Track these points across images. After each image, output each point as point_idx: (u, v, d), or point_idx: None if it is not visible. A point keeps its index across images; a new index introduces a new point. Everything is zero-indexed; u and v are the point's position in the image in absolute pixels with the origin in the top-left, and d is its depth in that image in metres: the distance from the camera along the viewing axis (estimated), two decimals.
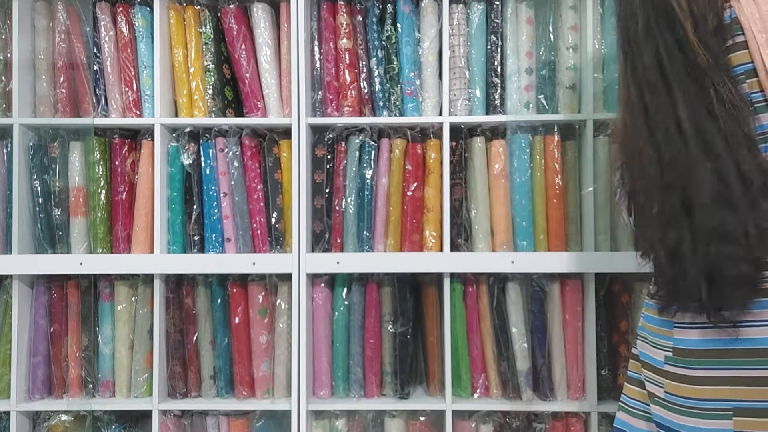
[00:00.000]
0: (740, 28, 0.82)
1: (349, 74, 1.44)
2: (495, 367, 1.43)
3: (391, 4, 1.45)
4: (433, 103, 1.45)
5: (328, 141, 1.45)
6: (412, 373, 1.47)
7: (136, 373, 1.45)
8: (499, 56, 1.44)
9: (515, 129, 1.42)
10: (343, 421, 1.47)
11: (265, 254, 1.42)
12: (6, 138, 1.45)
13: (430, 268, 1.42)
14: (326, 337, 1.45)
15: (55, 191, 1.44)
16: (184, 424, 1.46)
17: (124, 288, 1.46)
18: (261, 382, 1.44)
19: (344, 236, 1.43)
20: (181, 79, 1.45)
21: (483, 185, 1.43)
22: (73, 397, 1.44)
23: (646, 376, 0.92)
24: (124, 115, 1.45)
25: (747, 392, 0.79)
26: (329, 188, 1.45)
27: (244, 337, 1.45)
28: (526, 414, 1.44)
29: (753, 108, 0.82)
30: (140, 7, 1.44)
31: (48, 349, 1.46)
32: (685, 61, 0.84)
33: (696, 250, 0.83)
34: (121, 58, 1.44)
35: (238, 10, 1.44)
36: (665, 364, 0.87)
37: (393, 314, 1.44)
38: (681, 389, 0.84)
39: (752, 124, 0.82)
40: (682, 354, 0.84)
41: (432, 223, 1.43)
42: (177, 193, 1.45)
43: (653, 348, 0.90)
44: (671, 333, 0.87)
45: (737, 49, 0.83)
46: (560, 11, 1.43)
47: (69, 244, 1.44)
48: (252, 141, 1.46)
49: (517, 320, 1.42)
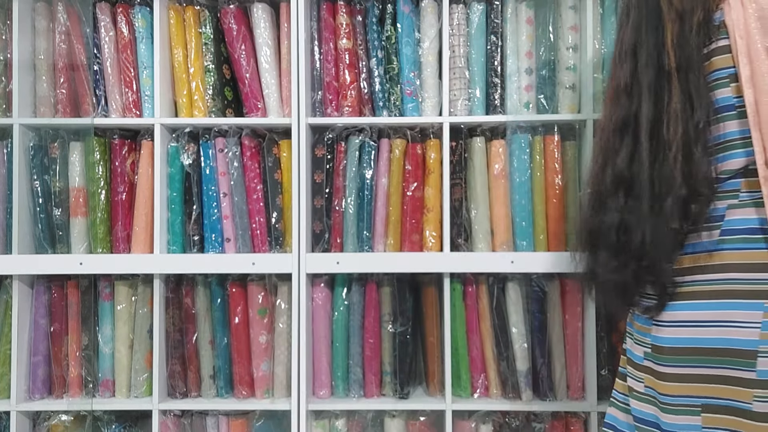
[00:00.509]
0: (726, 31, 0.83)
1: (349, 74, 1.44)
2: (495, 367, 1.43)
3: (391, 4, 1.45)
4: (433, 103, 1.45)
5: (328, 141, 1.45)
6: (412, 373, 1.47)
7: (135, 373, 1.45)
8: (499, 56, 1.44)
9: (515, 129, 1.42)
10: (342, 421, 1.47)
11: (265, 254, 1.42)
12: (6, 138, 1.45)
13: (430, 268, 1.42)
14: (326, 337, 1.45)
15: (55, 191, 1.44)
16: (184, 424, 1.46)
17: (124, 288, 1.46)
18: (261, 382, 1.44)
19: (344, 236, 1.43)
20: (180, 80, 1.45)
21: (483, 185, 1.43)
22: (73, 397, 1.45)
23: (629, 371, 0.95)
24: (124, 116, 1.45)
25: (714, 390, 0.82)
26: (329, 188, 1.45)
27: (244, 337, 1.45)
28: (525, 414, 1.44)
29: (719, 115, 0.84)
30: (140, 8, 1.44)
31: (48, 348, 1.46)
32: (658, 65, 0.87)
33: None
34: (121, 59, 1.44)
35: (238, 11, 1.44)
36: (644, 360, 0.90)
37: (393, 314, 1.45)
38: (657, 385, 0.87)
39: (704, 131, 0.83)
40: (658, 351, 0.87)
41: (432, 223, 1.43)
42: (177, 193, 1.45)
43: (636, 344, 0.93)
44: (650, 330, 0.90)
45: (721, 52, 0.84)
46: (560, 11, 1.43)
47: (69, 244, 1.44)
48: (252, 141, 1.46)
49: (517, 320, 1.42)
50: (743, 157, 0.82)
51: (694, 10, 0.85)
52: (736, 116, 0.83)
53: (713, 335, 0.82)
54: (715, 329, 0.82)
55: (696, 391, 0.83)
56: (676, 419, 0.84)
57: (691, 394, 0.83)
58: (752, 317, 0.79)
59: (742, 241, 0.82)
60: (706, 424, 0.82)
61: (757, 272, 0.80)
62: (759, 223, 0.80)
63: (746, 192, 0.82)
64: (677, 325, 0.85)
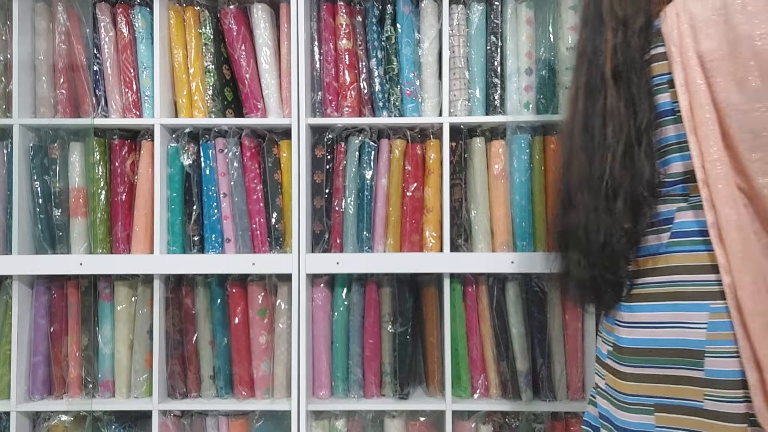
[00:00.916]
0: (662, 39, 0.86)
1: (349, 75, 1.44)
2: (495, 368, 1.43)
3: (391, 5, 1.45)
4: (432, 104, 1.45)
5: (328, 141, 1.45)
6: (412, 374, 1.47)
7: (135, 373, 1.45)
8: (498, 57, 1.44)
9: (515, 129, 1.42)
10: (342, 421, 1.47)
11: (265, 254, 1.42)
12: (6, 139, 1.45)
13: (430, 269, 1.42)
14: (326, 338, 1.45)
15: (55, 192, 1.44)
16: (184, 424, 1.46)
17: (123, 288, 1.46)
18: (260, 383, 1.44)
19: (344, 237, 1.43)
20: (180, 80, 1.45)
21: (483, 185, 1.43)
22: (73, 397, 1.44)
23: (595, 368, 0.99)
24: (123, 116, 1.45)
25: (666, 389, 0.85)
26: (329, 189, 1.45)
27: (244, 337, 1.45)
28: (525, 414, 1.45)
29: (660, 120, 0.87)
30: (140, 8, 1.44)
31: (48, 349, 1.46)
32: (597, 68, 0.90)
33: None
34: (121, 59, 1.44)
35: (238, 11, 1.44)
36: (607, 358, 0.94)
37: (392, 314, 1.45)
38: (616, 383, 0.90)
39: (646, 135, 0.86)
40: (618, 351, 0.90)
41: (432, 223, 1.43)
42: (177, 194, 1.45)
43: (603, 343, 0.97)
44: (614, 330, 0.93)
45: (659, 59, 0.87)
46: (560, 12, 1.43)
47: (69, 245, 1.44)
48: (252, 141, 1.46)
49: (516, 320, 1.42)
50: (681, 161, 0.86)
51: (636, 16, 0.88)
52: (674, 121, 0.86)
53: (666, 336, 0.85)
54: (667, 330, 0.85)
55: (651, 391, 0.86)
56: (631, 417, 0.87)
57: (646, 393, 0.86)
58: (699, 318, 0.82)
59: (689, 244, 0.85)
60: (659, 423, 0.85)
61: (703, 273, 0.83)
62: (703, 225, 0.83)
63: (694, 195, 0.85)
64: (635, 326, 0.88)
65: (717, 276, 0.81)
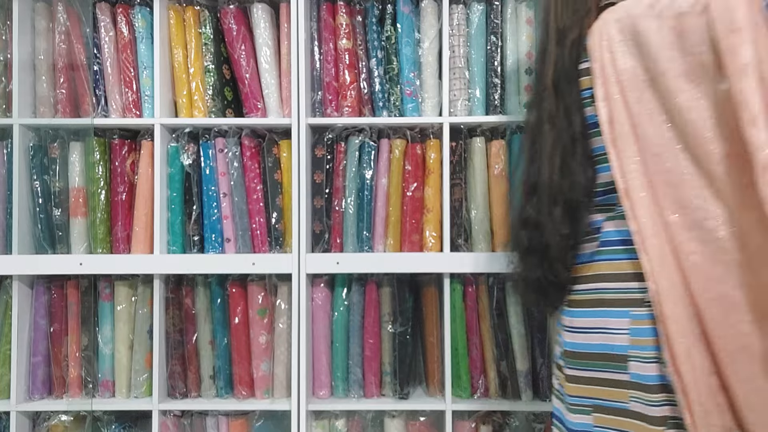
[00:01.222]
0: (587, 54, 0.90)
1: (349, 75, 1.44)
2: (495, 368, 1.43)
3: (391, 5, 1.45)
4: (432, 104, 1.45)
5: (328, 141, 1.45)
6: (412, 374, 1.47)
7: (135, 373, 1.45)
8: (498, 57, 1.44)
9: (515, 129, 1.42)
10: (342, 421, 1.47)
11: (265, 254, 1.42)
12: (6, 138, 1.45)
13: (430, 269, 1.42)
14: (326, 337, 1.45)
15: (55, 192, 1.44)
16: (184, 424, 1.46)
17: (123, 288, 1.46)
18: (260, 382, 1.44)
19: (344, 236, 1.43)
20: (180, 80, 1.45)
21: (483, 185, 1.43)
22: (72, 397, 1.44)
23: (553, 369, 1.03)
24: (123, 116, 1.45)
25: (602, 392, 0.88)
26: (329, 188, 1.45)
27: (244, 337, 1.45)
28: (526, 414, 1.45)
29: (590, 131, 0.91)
30: (140, 8, 1.44)
31: (48, 349, 1.46)
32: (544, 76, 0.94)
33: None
34: (121, 59, 1.44)
35: (238, 11, 1.44)
36: (558, 359, 0.97)
37: (392, 314, 1.45)
38: (564, 385, 0.94)
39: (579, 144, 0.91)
40: (563, 353, 0.94)
41: (432, 223, 1.43)
42: (177, 194, 1.45)
43: (556, 345, 1.00)
44: (561, 332, 0.97)
45: (587, 73, 0.90)
46: None
47: (69, 245, 1.44)
48: (252, 141, 1.46)
49: (516, 320, 1.42)
50: (608, 171, 0.88)
51: (572, 29, 0.92)
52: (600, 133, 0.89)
53: (595, 341, 0.89)
54: (596, 335, 0.89)
55: (589, 392, 0.89)
56: (575, 418, 0.91)
57: (585, 395, 0.90)
58: (621, 324, 0.86)
59: (611, 253, 0.88)
60: (597, 423, 0.88)
61: (624, 282, 0.86)
62: (626, 235, 0.85)
63: (620, 205, 0.87)
64: (574, 331, 0.92)
65: (638, 284, 0.84)
